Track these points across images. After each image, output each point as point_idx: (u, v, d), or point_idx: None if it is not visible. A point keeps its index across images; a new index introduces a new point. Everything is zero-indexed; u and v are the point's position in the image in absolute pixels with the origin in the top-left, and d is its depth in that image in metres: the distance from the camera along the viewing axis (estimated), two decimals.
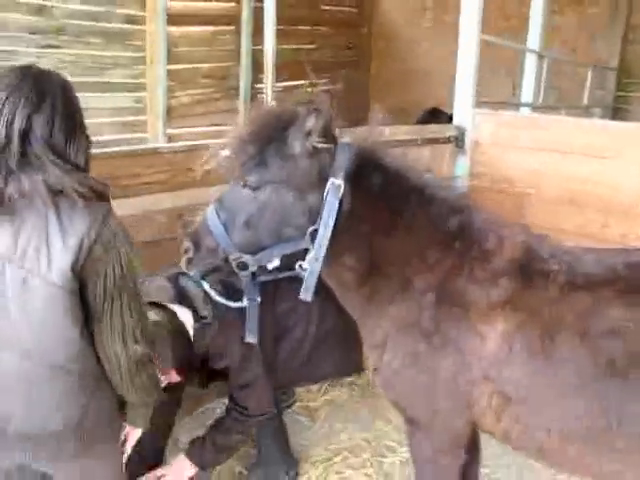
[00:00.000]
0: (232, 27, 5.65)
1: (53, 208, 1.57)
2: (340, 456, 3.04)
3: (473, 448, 2.37)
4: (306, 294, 2.04)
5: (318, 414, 3.39)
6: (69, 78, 5.82)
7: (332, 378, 3.34)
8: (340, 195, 1.96)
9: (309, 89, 7.73)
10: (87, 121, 4.87)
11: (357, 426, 3.26)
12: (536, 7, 4.44)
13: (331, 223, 1.95)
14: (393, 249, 2.03)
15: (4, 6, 4.62)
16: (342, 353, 2.72)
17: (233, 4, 5.60)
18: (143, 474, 2.54)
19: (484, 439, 2.26)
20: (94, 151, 1.84)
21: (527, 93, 4.60)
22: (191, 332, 2.48)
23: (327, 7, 6.72)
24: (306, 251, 2.01)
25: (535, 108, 4.76)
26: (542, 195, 3.82)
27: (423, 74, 6.45)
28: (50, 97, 1.62)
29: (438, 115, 5.68)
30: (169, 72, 5.57)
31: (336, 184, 1.96)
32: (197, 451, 2.56)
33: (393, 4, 6.97)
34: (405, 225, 2.03)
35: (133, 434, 1.98)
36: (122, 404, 1.87)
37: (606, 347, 1.78)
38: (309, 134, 1.92)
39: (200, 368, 2.63)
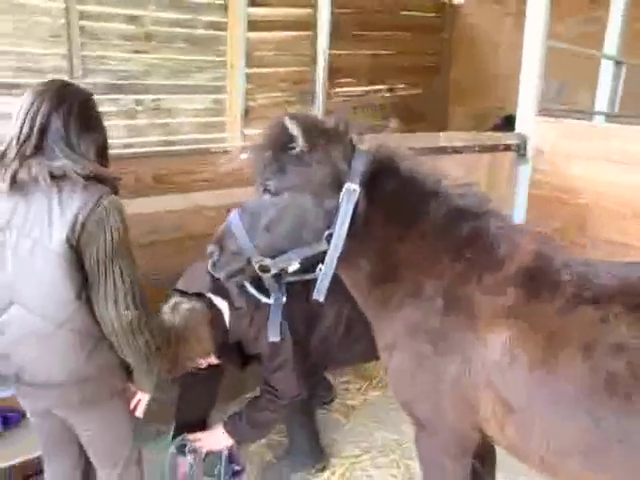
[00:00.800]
0: (310, 33, 5.83)
1: (56, 189, 1.85)
2: (369, 455, 3.10)
3: (486, 457, 2.37)
4: (319, 294, 2.09)
5: (354, 413, 3.46)
6: (156, 81, 6.19)
7: (360, 362, 3.42)
8: (355, 200, 1.99)
9: (386, 94, 7.75)
10: (173, 121, 5.27)
11: (391, 427, 3.30)
12: (615, 10, 4.24)
13: (345, 227, 1.99)
14: (406, 254, 2.06)
15: (101, 17, 5.05)
16: (370, 338, 2.79)
17: (310, 10, 5.78)
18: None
19: None
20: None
21: (602, 101, 4.41)
22: (227, 321, 2.66)
23: (407, 12, 6.76)
24: (325, 254, 2.05)
25: (611, 117, 4.54)
26: (605, 207, 3.66)
27: (504, 79, 6.30)
28: (68, 101, 1.93)
29: (513, 122, 5.54)
30: (248, 75, 5.81)
31: (351, 189, 1.99)
32: (232, 423, 2.77)
33: (475, 9, 6.87)
34: (418, 230, 2.05)
35: (142, 398, 2.18)
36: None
37: (609, 364, 1.73)
38: (293, 139, 1.97)
39: (235, 353, 2.81)
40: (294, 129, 1.94)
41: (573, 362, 1.77)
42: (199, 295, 2.63)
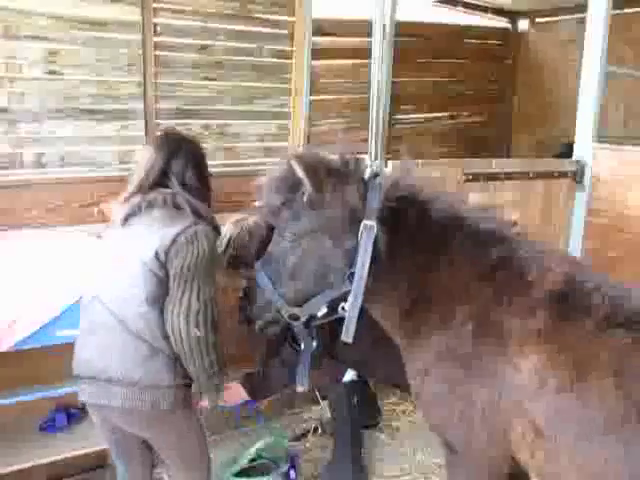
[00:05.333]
0: (372, 60, 5.96)
1: (164, 213, 2.20)
2: (409, 476, 3.13)
3: None
4: (347, 335, 2.05)
5: (398, 434, 3.48)
6: (224, 107, 6.46)
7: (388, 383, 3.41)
8: (374, 235, 1.97)
9: (449, 121, 7.76)
10: (238, 145, 5.58)
11: (434, 451, 3.28)
12: None
13: (367, 265, 1.96)
14: (434, 283, 2.06)
15: (174, 47, 5.38)
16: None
17: (372, 39, 5.92)
18: None
19: None
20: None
21: None
22: None
23: (471, 40, 6.78)
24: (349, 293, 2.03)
25: None
26: None
27: (569, 107, 6.18)
28: (184, 149, 2.38)
29: None
30: (312, 102, 5.99)
31: (368, 225, 1.97)
32: (248, 379, 2.91)
33: (539, 36, 6.82)
34: (445, 259, 2.05)
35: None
36: None
37: (639, 390, 1.72)
38: (300, 184, 1.95)
39: None
40: (299, 172, 1.93)
41: (603, 387, 1.76)
42: None
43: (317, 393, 3.65)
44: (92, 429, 2.58)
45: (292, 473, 3.08)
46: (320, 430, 3.52)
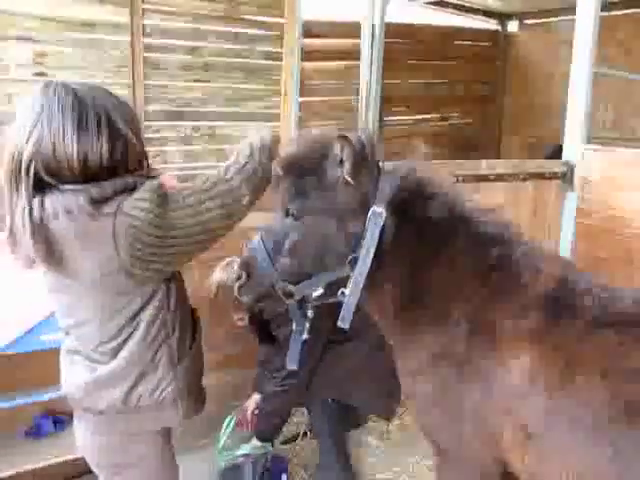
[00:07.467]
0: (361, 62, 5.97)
1: None
2: (400, 479, 3.09)
3: None
4: (344, 322, 2.02)
5: (389, 436, 3.46)
6: (214, 109, 6.40)
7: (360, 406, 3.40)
8: (382, 223, 1.95)
9: (440, 123, 7.80)
10: (227, 147, 5.43)
11: (424, 453, 3.27)
12: None
13: (372, 251, 1.94)
14: (433, 279, 2.04)
15: (163, 48, 5.35)
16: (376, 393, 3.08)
17: (362, 41, 5.93)
18: None
19: None
20: None
21: None
22: None
23: (461, 42, 6.80)
24: (348, 279, 1.99)
25: None
26: None
27: (558, 109, 6.22)
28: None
29: None
30: (301, 104, 5.99)
31: (377, 212, 1.95)
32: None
33: (528, 38, 6.85)
34: (445, 256, 2.03)
35: None
36: None
37: (627, 389, 1.71)
38: (341, 163, 1.91)
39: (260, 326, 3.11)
40: (345, 155, 1.89)
41: (591, 387, 1.75)
42: None
43: None
44: None
45: (284, 477, 3.06)
46: (310, 434, 3.49)
